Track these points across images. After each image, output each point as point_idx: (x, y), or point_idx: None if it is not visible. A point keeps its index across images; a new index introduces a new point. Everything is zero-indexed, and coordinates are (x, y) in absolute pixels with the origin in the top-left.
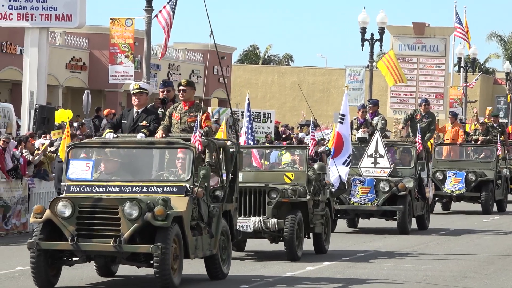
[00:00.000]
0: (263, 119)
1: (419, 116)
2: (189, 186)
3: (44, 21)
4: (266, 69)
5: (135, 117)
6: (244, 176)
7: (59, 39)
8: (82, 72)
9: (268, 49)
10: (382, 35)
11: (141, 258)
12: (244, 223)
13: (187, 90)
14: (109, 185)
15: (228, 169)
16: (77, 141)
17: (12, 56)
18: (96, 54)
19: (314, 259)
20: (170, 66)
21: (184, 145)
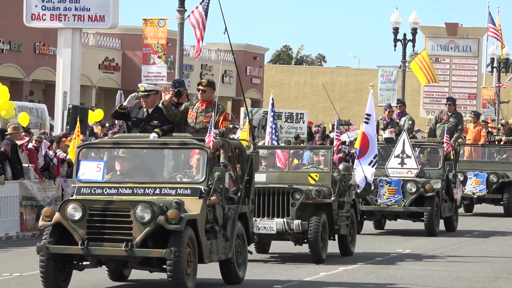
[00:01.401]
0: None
1: (446, 116)
2: (204, 188)
3: (77, 21)
4: (298, 69)
5: (145, 117)
6: (268, 176)
7: (92, 39)
8: (115, 73)
9: (300, 50)
10: (414, 35)
11: (154, 263)
12: (268, 225)
13: (206, 91)
14: (121, 187)
15: (244, 170)
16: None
17: (45, 56)
18: (129, 55)
19: (339, 261)
20: (203, 66)
21: (198, 146)
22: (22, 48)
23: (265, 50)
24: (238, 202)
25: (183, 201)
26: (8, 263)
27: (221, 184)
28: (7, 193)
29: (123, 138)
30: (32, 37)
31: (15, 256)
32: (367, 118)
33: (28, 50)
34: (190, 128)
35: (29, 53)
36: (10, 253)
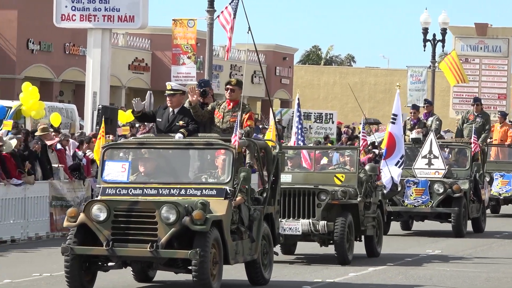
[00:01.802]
0: (325, 119)
1: (472, 116)
2: (229, 188)
3: (107, 22)
4: (328, 70)
5: (171, 117)
6: (294, 177)
7: (121, 40)
8: (145, 73)
9: (330, 50)
10: (444, 35)
11: (179, 264)
12: (293, 226)
13: (235, 90)
14: (146, 187)
15: (270, 171)
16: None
17: (75, 57)
18: (158, 55)
19: (365, 262)
20: (232, 67)
21: (223, 146)
22: (52, 48)
23: (295, 50)
24: (264, 203)
25: (209, 201)
26: (38, 263)
27: (246, 185)
28: (37, 193)
29: (148, 138)
30: (62, 38)
31: (45, 256)
32: (393, 119)
33: (58, 51)
34: (216, 128)
35: (59, 54)
36: (40, 253)
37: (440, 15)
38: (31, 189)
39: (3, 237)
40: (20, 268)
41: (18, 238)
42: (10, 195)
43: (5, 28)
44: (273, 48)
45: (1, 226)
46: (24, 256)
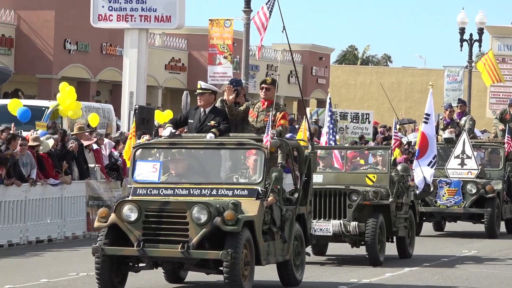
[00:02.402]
0: (362, 119)
1: (508, 116)
2: (261, 188)
3: (143, 22)
4: (364, 69)
5: (202, 117)
6: (325, 177)
7: (158, 40)
8: (181, 73)
9: (366, 50)
10: (481, 35)
11: (211, 265)
12: (324, 226)
13: (270, 89)
14: (177, 187)
15: (302, 171)
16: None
17: (112, 57)
18: (195, 55)
19: (397, 264)
20: (269, 66)
21: (255, 146)
22: (89, 48)
23: (331, 50)
24: (296, 203)
25: (240, 202)
26: (75, 262)
27: (278, 185)
28: (74, 193)
29: (180, 138)
30: (98, 38)
31: (81, 256)
32: (426, 118)
33: (95, 51)
34: (250, 127)
35: (96, 54)
36: (77, 253)
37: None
38: (68, 189)
39: (40, 237)
40: (57, 268)
41: (55, 237)
42: (47, 195)
43: (42, 29)
44: (309, 48)
45: (38, 226)
46: (61, 255)
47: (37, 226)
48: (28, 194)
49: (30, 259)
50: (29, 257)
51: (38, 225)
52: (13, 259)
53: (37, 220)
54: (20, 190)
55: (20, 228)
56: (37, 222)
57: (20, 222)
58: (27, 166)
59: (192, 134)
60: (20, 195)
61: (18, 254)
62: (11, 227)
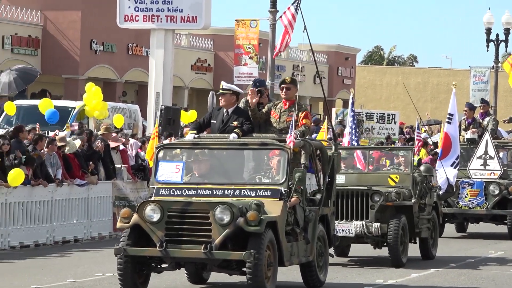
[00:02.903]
0: (387, 120)
1: None
2: (284, 189)
3: (169, 22)
4: (390, 70)
5: (225, 117)
6: (347, 178)
7: (184, 40)
8: (207, 73)
9: (392, 50)
10: (507, 35)
11: (233, 266)
12: (346, 227)
13: (291, 88)
14: (200, 188)
15: (325, 171)
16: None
17: (138, 57)
18: (221, 55)
19: (420, 265)
20: (295, 67)
21: (278, 146)
22: (115, 49)
23: (357, 50)
24: (319, 204)
25: (263, 202)
26: (101, 263)
27: (301, 185)
28: (100, 193)
29: (203, 138)
30: (125, 38)
31: (108, 256)
32: (449, 118)
33: (121, 51)
34: (273, 128)
35: (122, 54)
36: (103, 253)
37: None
38: (94, 189)
39: (67, 237)
40: (83, 268)
41: (81, 238)
42: (74, 195)
43: (69, 29)
44: (335, 48)
45: (65, 226)
46: (87, 255)
47: (64, 226)
48: (55, 195)
49: (56, 259)
50: (56, 257)
51: (64, 225)
52: (40, 259)
53: (63, 221)
54: (46, 191)
55: (47, 228)
56: (63, 223)
57: (46, 222)
58: (54, 166)
59: (215, 134)
60: (47, 196)
61: (45, 254)
62: (37, 227)
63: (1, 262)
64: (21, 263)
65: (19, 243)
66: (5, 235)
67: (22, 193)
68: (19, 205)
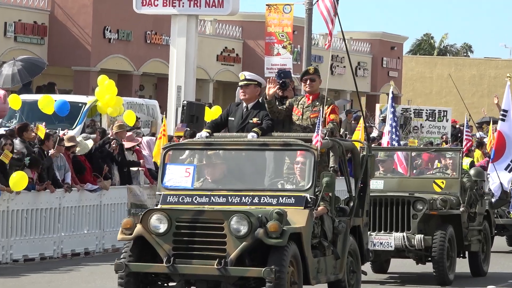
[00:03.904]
0: (438, 117)
1: None
2: (310, 196)
3: (193, 7)
4: (441, 61)
5: (244, 114)
6: (386, 183)
7: (209, 27)
8: (235, 65)
9: (444, 39)
10: None
11: (251, 284)
12: (384, 240)
13: (315, 80)
14: (213, 194)
15: (358, 176)
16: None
17: (157, 47)
18: (250, 45)
19: (470, 283)
20: (333, 57)
21: (303, 147)
22: (131, 37)
23: (404, 39)
24: (350, 214)
25: (286, 211)
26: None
27: (330, 192)
28: (114, 199)
29: (217, 138)
30: (142, 25)
31: None
32: (503, 115)
33: (138, 40)
34: (296, 126)
35: (139, 43)
36: None
37: None
38: (107, 195)
39: (76, 249)
40: (95, 284)
41: (93, 250)
42: (84, 202)
43: (79, 15)
44: (379, 36)
45: (74, 237)
46: (99, 270)
47: (73, 237)
48: (63, 201)
49: (65, 274)
50: (64, 272)
51: (73, 236)
52: (46, 274)
53: (72, 231)
54: (53, 197)
55: (54, 239)
56: (72, 233)
57: (53, 232)
58: (61, 169)
59: (231, 133)
60: (54, 202)
61: (52, 268)
62: (43, 238)
63: (3, 277)
64: (25, 279)
65: (22, 256)
66: (7, 247)
67: (26, 199)
68: (23, 213)
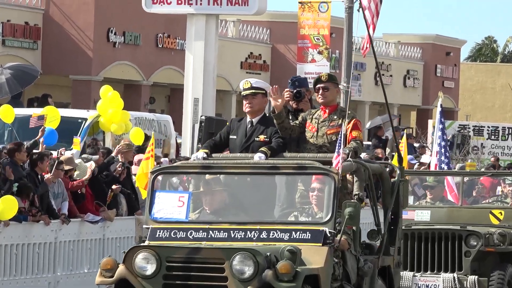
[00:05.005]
0: (502, 135)
1: None
2: (329, 230)
3: (212, 5)
4: (506, 69)
5: (249, 130)
6: (433, 214)
7: (232, 29)
8: (262, 73)
9: (508, 42)
10: None
11: None
12: (431, 282)
13: (329, 88)
14: (212, 228)
15: (387, 206)
16: None
17: (170, 52)
18: (280, 49)
19: None
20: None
21: (322, 171)
22: (140, 41)
23: (462, 43)
24: (378, 252)
25: (300, 249)
26: None
27: (354, 225)
28: (120, 233)
29: (217, 159)
30: (153, 27)
31: None
32: None
33: (148, 44)
34: (309, 145)
35: (149, 48)
36: None
37: None
38: (112, 227)
39: None
40: None
41: None
42: (85, 235)
43: (79, 14)
44: (432, 40)
45: (73, 277)
46: None
47: (71, 277)
48: (59, 235)
49: None
50: None
51: (72, 275)
52: None
53: (70, 270)
54: (48, 229)
55: (49, 279)
56: (70, 272)
57: (48, 272)
58: (59, 197)
59: (234, 154)
60: (49, 236)
61: None
62: (36, 278)
63: None
64: None
65: None
66: None
67: (16, 232)
68: (12, 249)
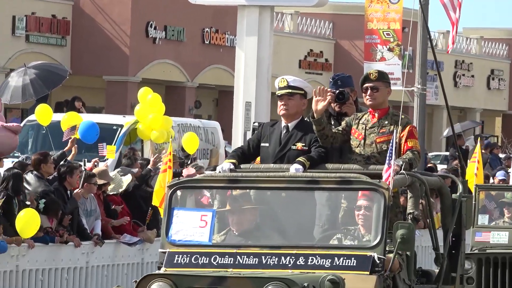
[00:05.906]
0: None
1: None
2: (379, 256)
3: None
4: None
5: (284, 137)
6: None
7: (289, 23)
8: (324, 73)
9: None
10: None
11: None
12: None
13: (379, 88)
14: (241, 253)
15: (448, 227)
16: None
17: (218, 49)
18: (344, 46)
19: None
20: (457, 63)
21: (369, 185)
22: (184, 36)
23: None
24: (437, 280)
25: (344, 278)
26: None
27: (408, 250)
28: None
29: (246, 171)
30: (198, 21)
31: None
32: None
33: (193, 40)
34: (355, 155)
35: (195, 44)
36: None
37: None
38: (151, 249)
39: None
40: None
41: None
42: (120, 259)
43: (113, 6)
44: None
45: None
46: None
47: None
48: (91, 258)
49: None
50: None
51: None
52: None
53: None
54: (79, 252)
55: None
56: None
57: None
58: (92, 215)
59: (267, 165)
60: (79, 260)
61: None
62: None
63: None
64: None
65: None
66: None
67: (42, 255)
68: (37, 274)
